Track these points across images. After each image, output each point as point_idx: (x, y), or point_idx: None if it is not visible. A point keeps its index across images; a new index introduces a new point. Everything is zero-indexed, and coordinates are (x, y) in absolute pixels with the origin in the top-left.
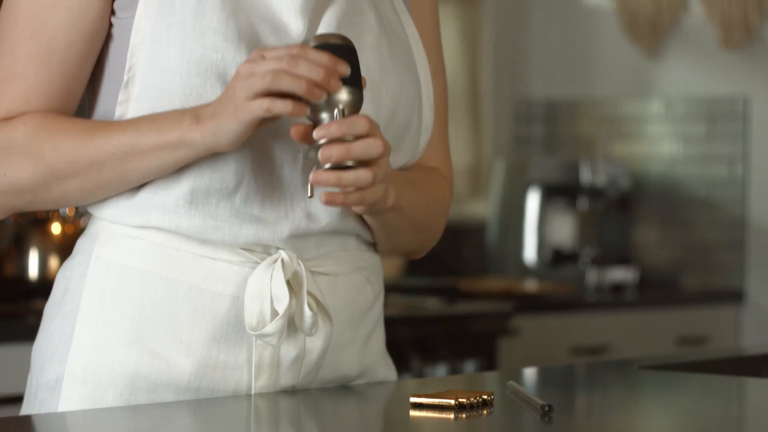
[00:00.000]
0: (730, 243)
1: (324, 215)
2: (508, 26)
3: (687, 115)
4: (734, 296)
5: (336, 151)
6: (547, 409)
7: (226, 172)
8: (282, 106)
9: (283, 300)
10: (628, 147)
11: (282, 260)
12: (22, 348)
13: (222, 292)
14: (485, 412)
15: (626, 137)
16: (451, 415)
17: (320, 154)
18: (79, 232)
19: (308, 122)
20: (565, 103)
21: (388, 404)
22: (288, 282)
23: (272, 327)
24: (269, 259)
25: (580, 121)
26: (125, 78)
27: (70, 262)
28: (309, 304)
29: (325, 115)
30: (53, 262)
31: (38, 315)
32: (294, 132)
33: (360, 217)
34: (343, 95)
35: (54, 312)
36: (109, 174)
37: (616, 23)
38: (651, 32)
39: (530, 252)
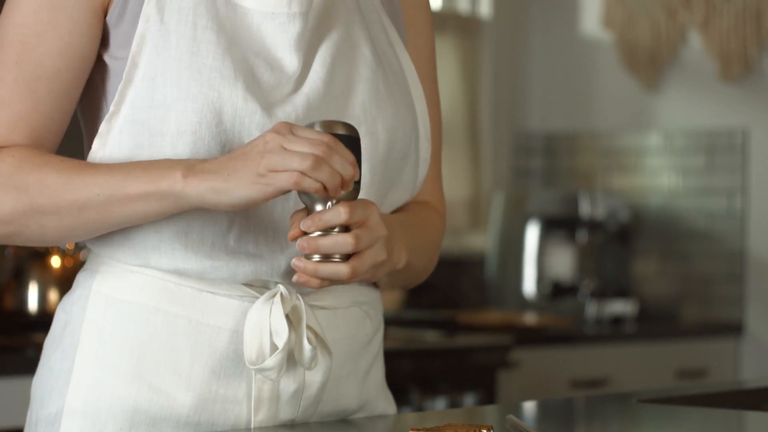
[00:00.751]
0: (730, 276)
1: None
2: (507, 59)
3: (686, 147)
4: (733, 329)
5: (307, 244)
6: None
7: (217, 215)
8: (310, 184)
9: (282, 334)
10: (627, 179)
11: (281, 294)
12: (21, 381)
13: (222, 326)
14: None
15: (625, 170)
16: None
17: (297, 244)
18: (78, 265)
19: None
20: (564, 136)
21: None
22: (287, 316)
23: (272, 361)
24: (268, 293)
25: (579, 154)
26: (110, 110)
27: (69, 297)
28: (308, 338)
29: (318, 206)
30: (53, 295)
31: (38, 348)
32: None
33: None
34: (343, 192)
35: (54, 346)
36: (89, 215)
37: (615, 56)
38: (650, 65)
39: (529, 285)
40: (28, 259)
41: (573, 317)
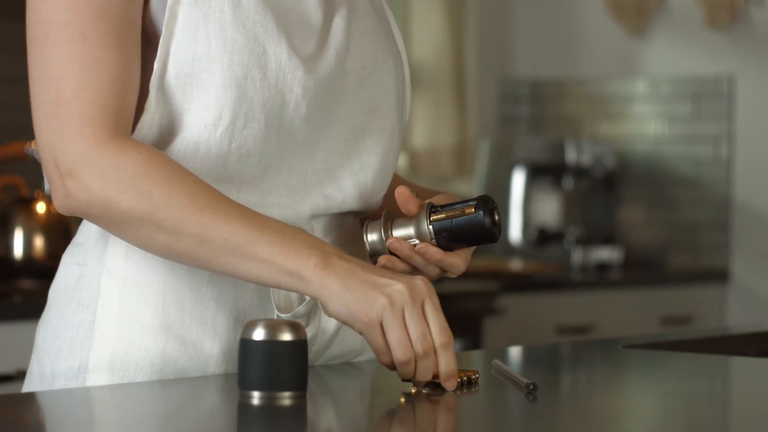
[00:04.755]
0: (715, 223)
1: (338, 194)
2: (493, 6)
3: (672, 94)
4: (719, 276)
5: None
6: (531, 387)
7: (248, 164)
8: (392, 367)
9: None
10: (613, 127)
11: None
12: (7, 327)
13: None
14: (470, 390)
15: (612, 117)
16: (437, 393)
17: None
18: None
19: None
20: (551, 83)
21: (387, 381)
22: None
23: (303, 308)
24: None
25: (566, 101)
26: (155, 67)
27: (80, 247)
28: None
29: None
30: (38, 241)
31: (24, 294)
32: None
33: (366, 197)
34: None
35: (67, 298)
36: (205, 252)
37: (601, 3)
38: (637, 12)
39: (516, 231)
40: (14, 206)
41: (559, 264)
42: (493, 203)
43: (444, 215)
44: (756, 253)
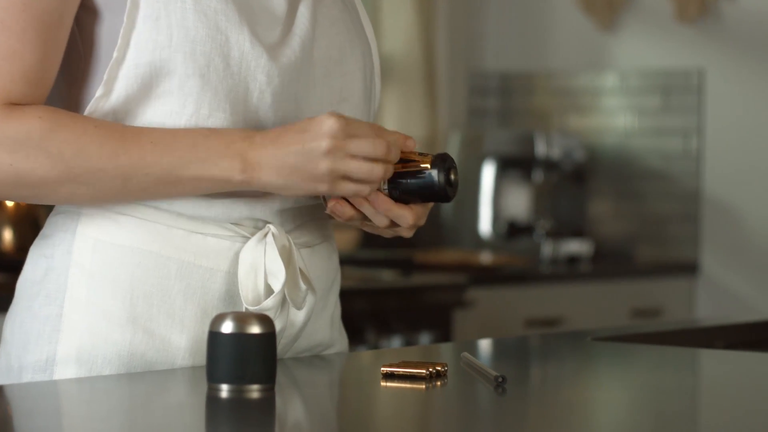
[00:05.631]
0: (685, 215)
1: None
2: None
3: (642, 87)
4: (688, 268)
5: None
6: (500, 380)
7: None
8: (360, 199)
9: (278, 275)
10: (582, 120)
11: (272, 234)
12: None
13: (214, 267)
14: (439, 383)
15: (581, 110)
16: (406, 386)
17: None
18: (33, 204)
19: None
20: (520, 76)
21: (356, 374)
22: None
23: (271, 302)
24: (259, 233)
25: (535, 94)
26: (114, 55)
27: (48, 240)
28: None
29: None
30: (6, 234)
31: None
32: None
33: None
34: None
35: (34, 291)
36: (132, 190)
37: None
38: (606, 5)
39: (485, 224)
40: None
41: (528, 257)
42: (451, 162)
43: (399, 167)
44: (725, 245)
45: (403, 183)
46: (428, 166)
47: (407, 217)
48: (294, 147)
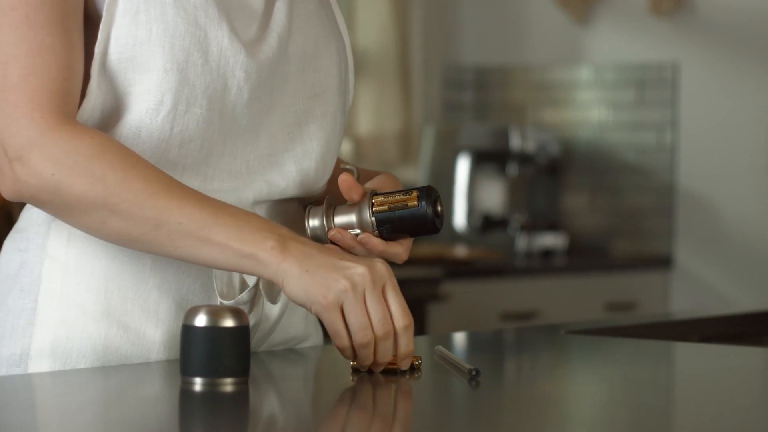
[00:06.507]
0: (659, 209)
1: (281, 181)
2: None
3: (616, 81)
4: (663, 262)
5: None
6: (474, 373)
7: (189, 151)
8: (345, 353)
9: None
10: (557, 113)
11: None
12: None
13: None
14: (413, 376)
15: (556, 104)
16: (380, 379)
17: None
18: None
19: None
20: (495, 70)
21: (330, 367)
22: None
23: (246, 295)
24: None
25: (510, 88)
26: (96, 51)
27: (22, 234)
28: None
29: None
30: None
31: None
32: None
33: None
34: None
35: (8, 285)
36: (160, 237)
37: None
38: None
39: (460, 218)
40: None
41: (503, 250)
42: (436, 193)
43: (387, 207)
44: (699, 239)
45: (392, 222)
46: (415, 203)
47: (401, 255)
48: (333, 255)
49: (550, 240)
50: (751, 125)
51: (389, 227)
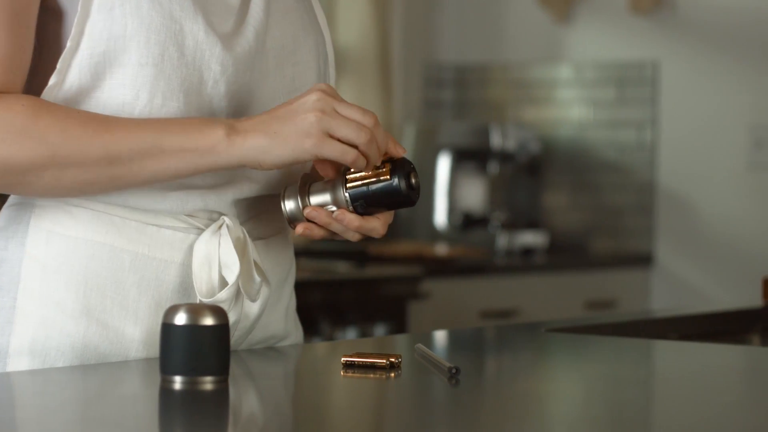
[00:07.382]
0: (639, 207)
1: (262, 177)
2: None
3: (596, 80)
4: (643, 260)
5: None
6: (454, 371)
7: None
8: (361, 164)
9: (233, 267)
10: (537, 111)
11: (227, 226)
12: None
13: (168, 259)
14: (393, 374)
15: (536, 102)
16: (360, 378)
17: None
18: None
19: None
20: (476, 68)
21: (310, 366)
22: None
23: (225, 294)
24: (214, 225)
25: (490, 86)
26: (68, 45)
27: (2, 232)
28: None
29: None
30: None
31: None
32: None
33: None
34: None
35: None
36: (118, 170)
37: None
38: None
39: (440, 216)
40: None
41: (484, 248)
42: (410, 166)
43: (360, 182)
44: (679, 237)
45: (367, 196)
46: (388, 177)
47: (378, 229)
48: (282, 108)
49: (531, 238)
50: (731, 123)
51: (363, 202)
